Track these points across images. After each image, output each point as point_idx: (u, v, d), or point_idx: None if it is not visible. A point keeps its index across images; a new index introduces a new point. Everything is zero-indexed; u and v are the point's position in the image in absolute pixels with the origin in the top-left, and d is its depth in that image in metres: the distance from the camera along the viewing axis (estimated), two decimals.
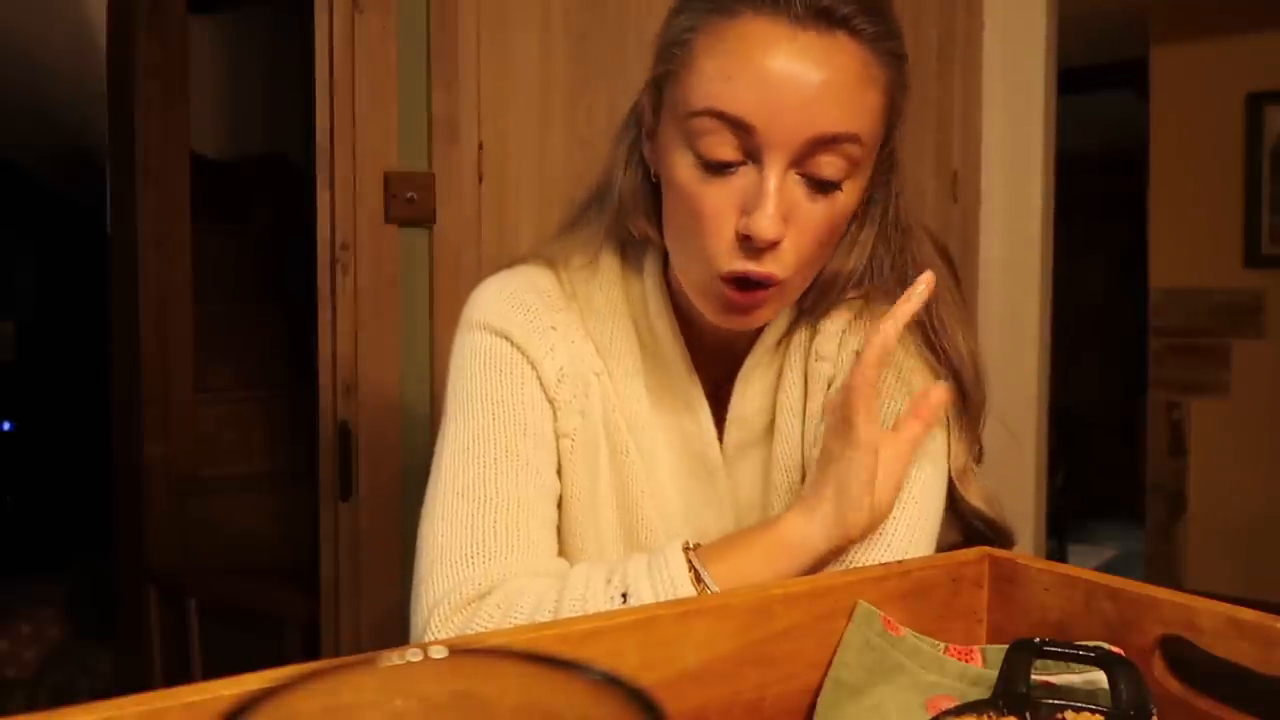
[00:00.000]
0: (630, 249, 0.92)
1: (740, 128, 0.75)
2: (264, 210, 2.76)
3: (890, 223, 0.88)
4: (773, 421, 0.91)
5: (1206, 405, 3.96)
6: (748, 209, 0.76)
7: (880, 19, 0.78)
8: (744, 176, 0.77)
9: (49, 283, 3.97)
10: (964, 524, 0.89)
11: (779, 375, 0.91)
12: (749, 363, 0.90)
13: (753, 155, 0.76)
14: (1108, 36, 4.11)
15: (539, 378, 0.88)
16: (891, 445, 0.79)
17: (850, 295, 0.90)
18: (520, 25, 1.66)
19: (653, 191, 0.87)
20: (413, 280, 1.61)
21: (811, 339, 0.91)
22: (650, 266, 0.90)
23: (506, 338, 0.89)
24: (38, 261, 3.98)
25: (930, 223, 2.22)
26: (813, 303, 0.89)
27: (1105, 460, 5.10)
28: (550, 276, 0.93)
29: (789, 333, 0.91)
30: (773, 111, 0.74)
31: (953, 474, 0.87)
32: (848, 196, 0.79)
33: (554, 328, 0.90)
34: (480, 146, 1.63)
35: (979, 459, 0.92)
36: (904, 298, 0.79)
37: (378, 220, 1.57)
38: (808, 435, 0.90)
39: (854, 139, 0.76)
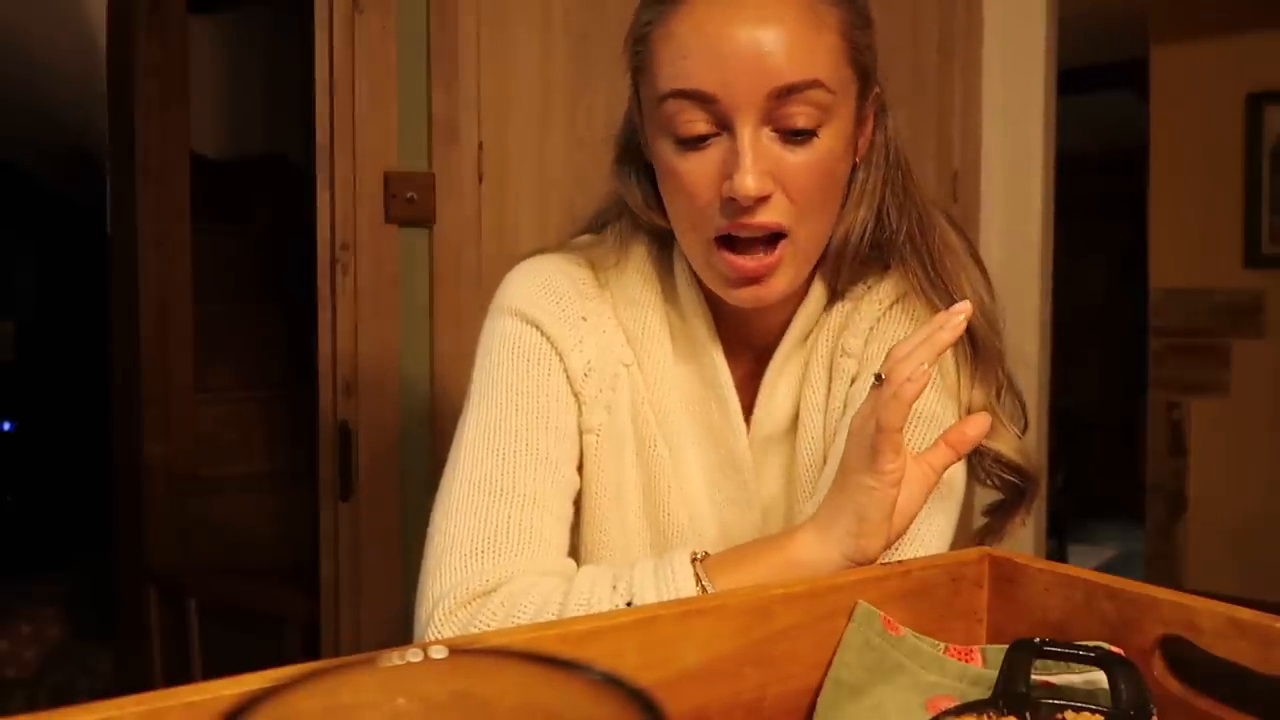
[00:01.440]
0: (660, 245, 0.92)
1: (703, 100, 0.78)
2: (264, 210, 2.75)
3: (891, 165, 0.89)
4: (797, 416, 0.91)
5: (1206, 405, 3.96)
6: (728, 173, 0.78)
7: None
8: (720, 145, 0.79)
9: (49, 283, 3.97)
10: (986, 475, 0.88)
11: (805, 369, 0.91)
12: (779, 355, 0.90)
13: (723, 123, 0.78)
14: (1108, 36, 4.11)
15: (566, 370, 0.88)
16: (915, 469, 0.76)
17: (874, 275, 0.90)
18: (520, 25, 1.66)
19: (656, 186, 0.89)
20: (413, 280, 1.61)
21: (839, 333, 0.90)
22: (679, 258, 0.90)
23: (536, 326, 0.88)
24: (38, 261, 3.98)
25: None
26: (833, 270, 0.89)
27: (1105, 460, 5.10)
28: (584, 266, 0.93)
29: (817, 323, 0.91)
30: (729, 76, 0.77)
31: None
32: (829, 141, 0.80)
33: (585, 318, 0.90)
34: (480, 146, 1.63)
35: (1023, 428, 0.91)
36: (935, 325, 0.74)
37: (378, 220, 1.57)
38: (829, 429, 0.89)
39: (816, 84, 0.78)
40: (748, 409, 0.91)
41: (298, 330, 2.00)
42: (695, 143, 0.79)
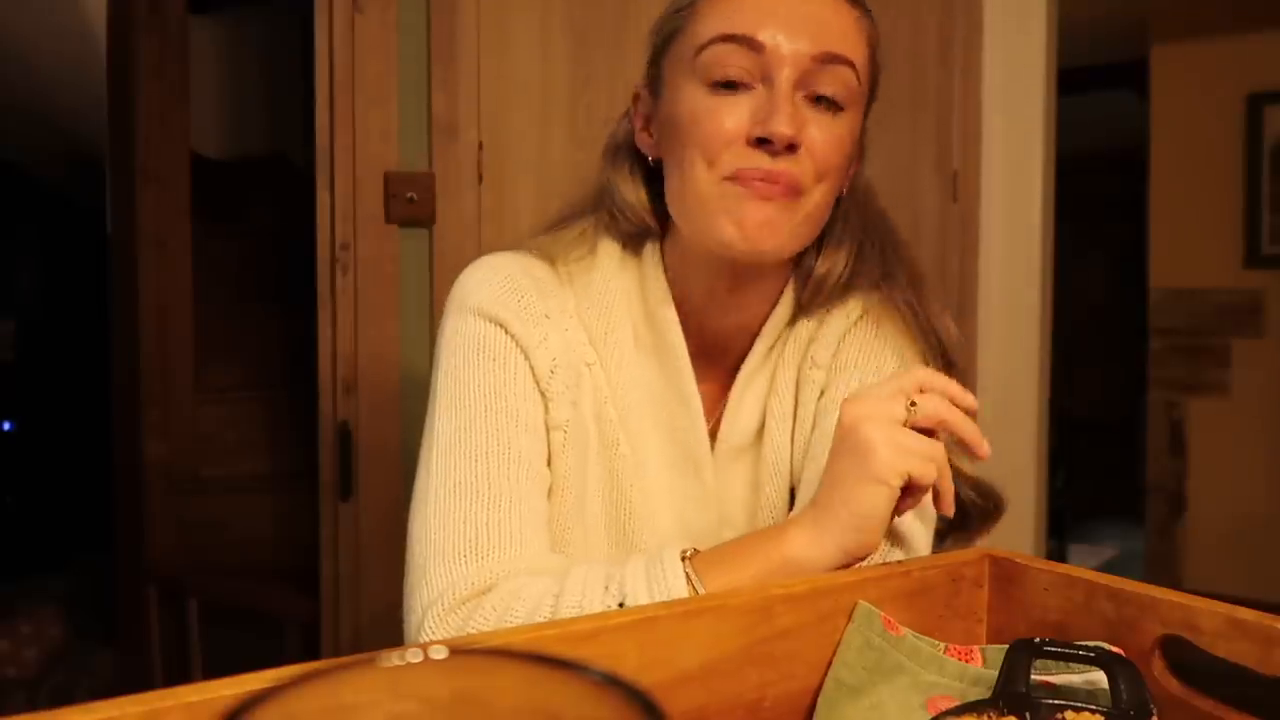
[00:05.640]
0: (628, 243, 0.92)
1: (751, 46, 0.81)
2: (264, 210, 2.75)
3: (873, 213, 0.93)
4: (764, 425, 0.91)
5: (1206, 405, 3.96)
6: (760, 119, 0.81)
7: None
8: (753, 96, 0.82)
9: (49, 283, 3.97)
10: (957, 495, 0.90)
11: (771, 380, 0.92)
12: (746, 368, 0.91)
13: (763, 75, 0.81)
14: (1108, 36, 4.11)
15: (532, 368, 0.88)
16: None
17: (844, 297, 0.92)
18: (520, 25, 1.66)
19: (649, 183, 0.90)
20: (413, 280, 1.61)
21: (808, 345, 0.91)
22: (650, 256, 0.91)
23: (501, 325, 0.87)
24: (38, 261, 3.98)
25: (930, 223, 2.22)
26: (809, 299, 0.91)
27: (1105, 460, 5.10)
28: (544, 264, 0.92)
29: (782, 336, 0.92)
30: (780, 30, 0.81)
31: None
32: (848, 126, 0.84)
33: (548, 316, 0.89)
34: (480, 146, 1.63)
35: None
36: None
37: (378, 220, 1.57)
38: (797, 440, 0.90)
39: (851, 64, 0.83)
40: (714, 421, 0.92)
41: (298, 330, 2.00)
42: (731, 87, 0.82)
